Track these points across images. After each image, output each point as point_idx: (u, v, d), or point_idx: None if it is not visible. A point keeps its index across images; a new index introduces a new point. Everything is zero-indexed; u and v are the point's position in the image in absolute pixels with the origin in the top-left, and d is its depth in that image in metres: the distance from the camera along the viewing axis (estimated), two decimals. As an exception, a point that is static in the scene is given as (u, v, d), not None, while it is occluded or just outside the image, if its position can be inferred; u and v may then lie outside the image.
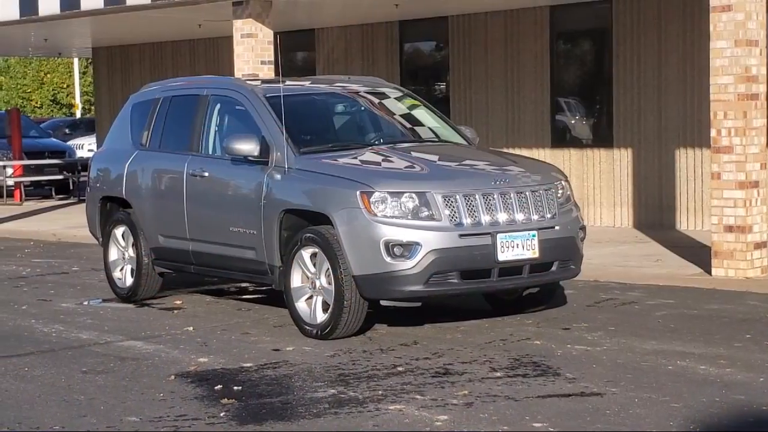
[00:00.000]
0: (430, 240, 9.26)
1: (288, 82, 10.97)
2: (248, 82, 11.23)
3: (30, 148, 27.75)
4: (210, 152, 11.10)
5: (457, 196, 9.41)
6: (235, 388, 8.05)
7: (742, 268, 12.37)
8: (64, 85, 63.53)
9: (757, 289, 11.69)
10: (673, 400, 7.40)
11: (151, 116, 11.94)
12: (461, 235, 9.35)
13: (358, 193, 9.37)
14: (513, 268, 9.58)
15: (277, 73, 16.63)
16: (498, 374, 8.26)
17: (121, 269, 12.17)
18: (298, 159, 10.06)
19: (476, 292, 9.95)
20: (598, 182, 17.92)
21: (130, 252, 12.00)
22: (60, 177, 27.70)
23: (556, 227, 9.81)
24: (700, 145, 16.81)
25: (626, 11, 17.56)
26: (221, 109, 11.14)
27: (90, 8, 18.27)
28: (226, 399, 7.74)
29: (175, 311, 11.42)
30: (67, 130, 45.69)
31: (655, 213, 17.39)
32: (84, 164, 28.91)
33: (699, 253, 13.99)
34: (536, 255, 9.62)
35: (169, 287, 12.44)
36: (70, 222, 21.16)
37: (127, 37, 23.84)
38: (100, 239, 12.52)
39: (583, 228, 10.19)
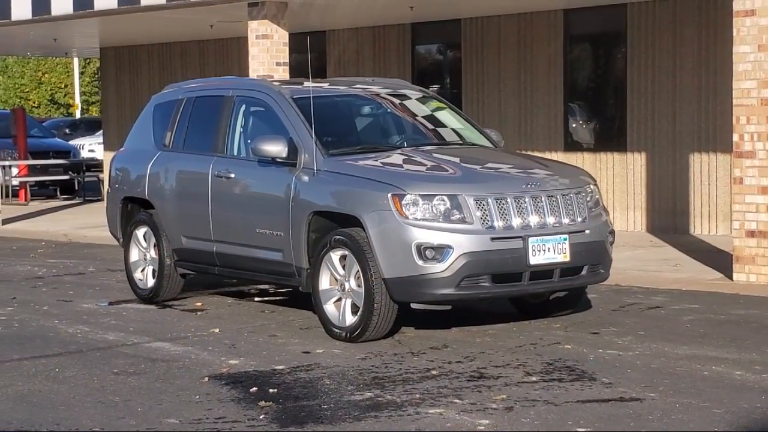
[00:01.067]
0: (462, 243, 9.22)
1: (308, 84, 10.89)
2: (274, 83, 11.17)
3: (35, 148, 27.71)
4: (235, 153, 11.06)
5: (489, 199, 9.37)
6: (271, 390, 8.00)
7: (765, 273, 12.33)
8: (62, 85, 63.42)
9: (785, 294, 11.70)
10: (714, 406, 7.37)
11: (174, 117, 11.90)
12: (493, 239, 9.32)
13: (389, 195, 9.34)
14: (544, 272, 9.55)
15: (298, 75, 16.61)
16: (534, 378, 8.22)
17: (143, 270, 12.12)
18: (326, 161, 10.02)
19: (507, 295, 9.92)
20: (612, 186, 17.89)
21: (152, 253, 11.95)
22: (66, 177, 27.70)
23: (587, 231, 9.79)
24: (715, 150, 16.82)
25: (641, 15, 17.55)
26: (247, 111, 11.09)
27: (103, 8, 18.22)
28: (263, 402, 7.69)
29: (199, 313, 11.37)
30: (67, 130, 45.57)
31: (668, 217, 17.38)
32: (88, 165, 28.95)
33: (717, 258, 13.99)
34: (567, 259, 9.59)
35: (189, 288, 12.37)
36: (78, 222, 21.14)
37: (136, 38, 23.78)
38: (121, 240, 12.45)
39: (612, 232, 10.17)
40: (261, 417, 7.34)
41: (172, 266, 11.74)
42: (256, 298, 12.15)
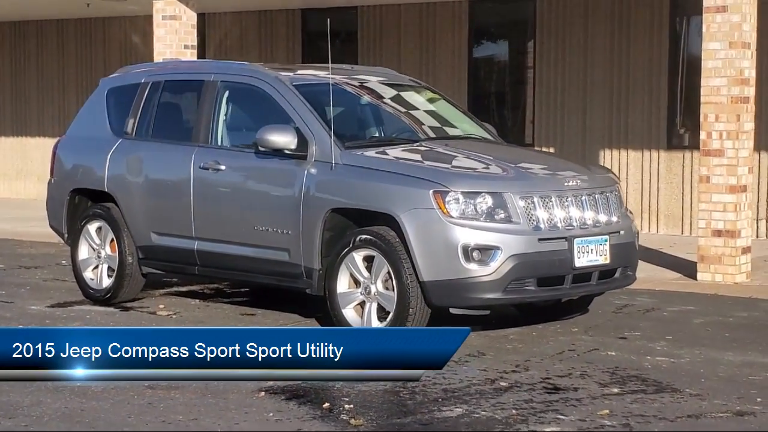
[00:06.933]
0: (510, 244, 8.66)
1: (329, 72, 9.95)
2: (268, 68, 10.30)
3: None
4: (222, 143, 10.18)
5: (535, 198, 8.85)
6: (346, 406, 7.27)
7: (731, 273, 12.22)
8: None
9: (763, 295, 11.52)
10: (833, 419, 7.06)
11: (138, 102, 10.88)
12: (540, 239, 8.80)
13: (431, 192, 8.68)
14: (585, 275, 9.09)
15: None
16: (614, 390, 7.72)
17: (95, 269, 11.07)
18: (344, 154, 9.28)
19: (550, 299, 9.39)
20: (518, 182, 17.56)
21: (107, 250, 10.94)
22: None
23: (621, 232, 9.39)
24: (626, 147, 16.73)
25: (551, 9, 17.29)
26: (235, 97, 10.21)
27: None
28: (354, 419, 6.97)
29: (173, 316, 10.44)
30: None
31: (577, 214, 17.15)
32: None
33: (653, 256, 13.88)
34: (607, 261, 9.18)
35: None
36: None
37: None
38: (66, 236, 11.36)
39: (638, 233, 9.80)
40: (367, 438, 6.65)
41: (135, 265, 10.76)
42: (211, 300, 11.29)
